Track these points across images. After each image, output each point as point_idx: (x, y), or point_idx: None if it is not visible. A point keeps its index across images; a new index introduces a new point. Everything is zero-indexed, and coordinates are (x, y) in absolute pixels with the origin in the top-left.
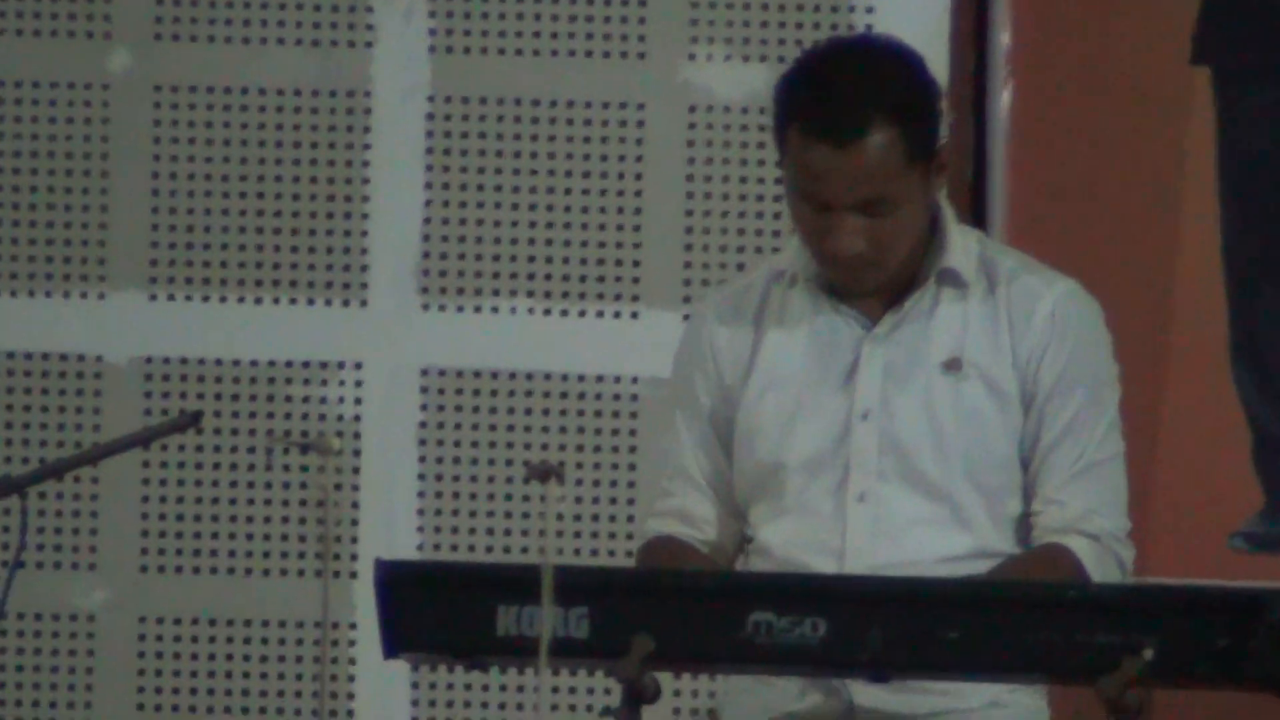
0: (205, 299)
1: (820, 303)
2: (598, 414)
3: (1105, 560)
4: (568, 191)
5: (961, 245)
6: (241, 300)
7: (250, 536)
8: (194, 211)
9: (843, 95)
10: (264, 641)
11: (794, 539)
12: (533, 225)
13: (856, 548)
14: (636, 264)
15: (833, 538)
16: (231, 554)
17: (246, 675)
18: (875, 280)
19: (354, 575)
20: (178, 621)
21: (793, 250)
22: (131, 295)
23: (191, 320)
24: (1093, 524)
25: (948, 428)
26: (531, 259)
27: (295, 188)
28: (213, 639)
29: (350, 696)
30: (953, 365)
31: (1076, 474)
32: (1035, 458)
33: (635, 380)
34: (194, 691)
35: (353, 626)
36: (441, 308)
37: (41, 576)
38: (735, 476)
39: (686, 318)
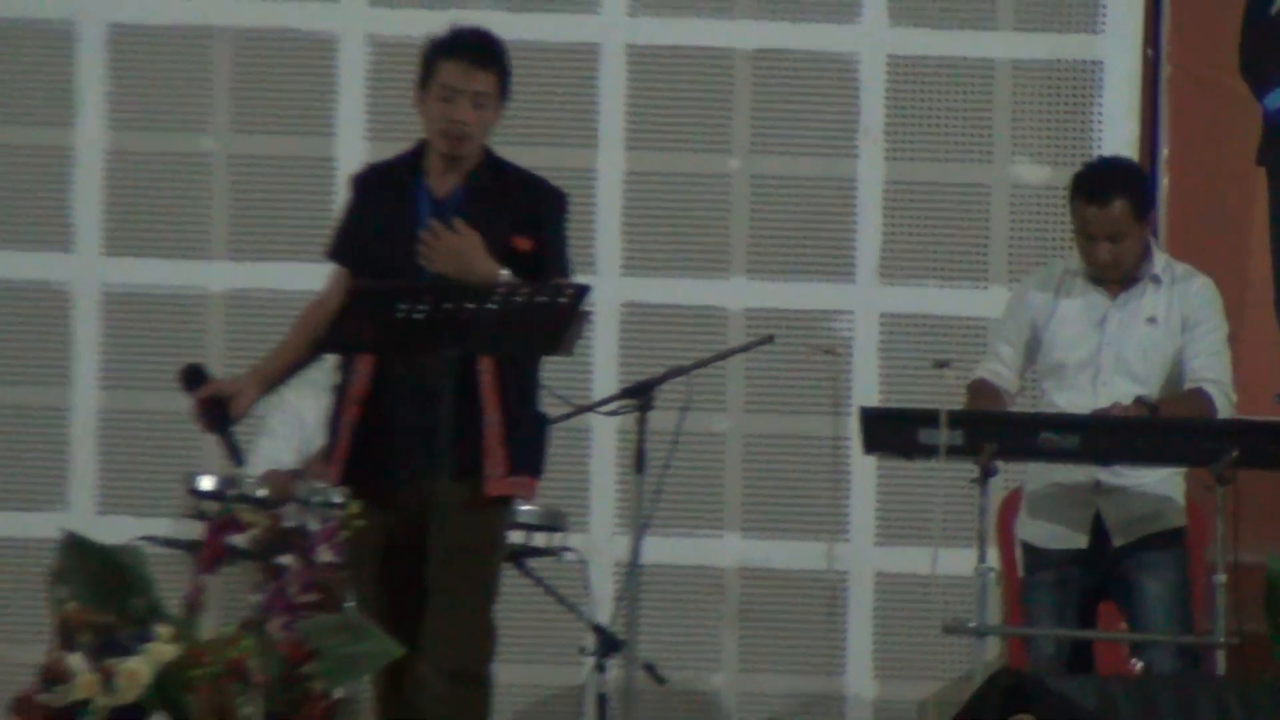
0: (773, 281)
1: (1088, 286)
2: (964, 339)
3: (1221, 399)
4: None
5: (1160, 261)
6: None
7: (793, 392)
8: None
9: (1100, 181)
10: (799, 450)
11: (1069, 401)
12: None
13: (1099, 407)
14: (985, 262)
15: (1088, 401)
16: (785, 403)
17: (785, 467)
18: (1117, 275)
19: (848, 414)
20: (762, 437)
21: (1075, 258)
22: (741, 279)
23: (773, 291)
24: (1218, 380)
25: (1148, 351)
26: (953, 262)
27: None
28: (767, 450)
29: (849, 471)
30: (1152, 320)
31: (1208, 356)
32: (1187, 351)
33: (984, 319)
34: (754, 481)
35: (847, 439)
36: (897, 283)
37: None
38: (1039, 367)
39: (1011, 286)
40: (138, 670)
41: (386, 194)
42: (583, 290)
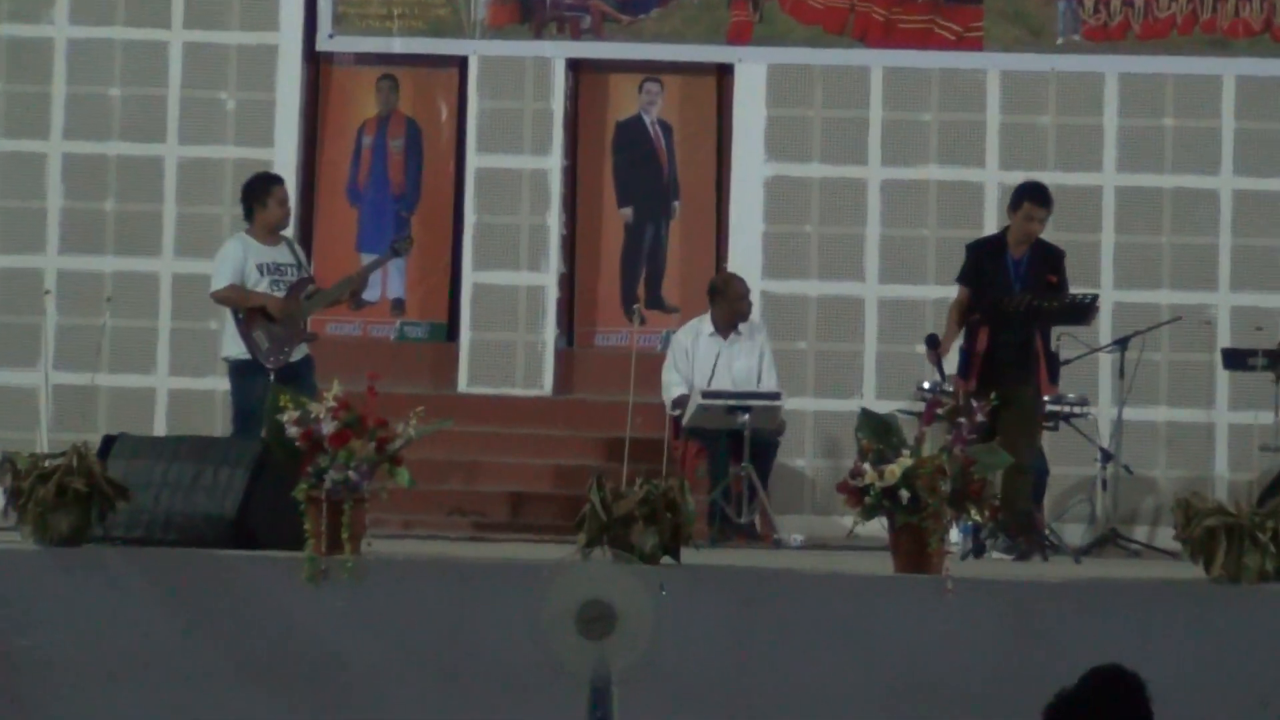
0: (1182, 290)
1: None
2: (1272, 319)
3: None
4: None
5: None
6: None
7: (1188, 341)
8: None
9: None
10: (1190, 369)
11: None
12: None
13: None
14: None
15: None
16: (1185, 345)
17: (1183, 377)
18: None
19: (1216, 351)
20: (1177, 365)
21: None
22: (1166, 290)
23: (1181, 295)
24: None
25: None
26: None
27: None
28: (1181, 370)
29: (1215, 378)
30: None
31: None
32: None
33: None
34: (1173, 382)
35: (1215, 364)
36: (1239, 291)
37: (1144, 355)
38: None
39: None
40: (894, 470)
41: (990, 255)
42: (1095, 296)
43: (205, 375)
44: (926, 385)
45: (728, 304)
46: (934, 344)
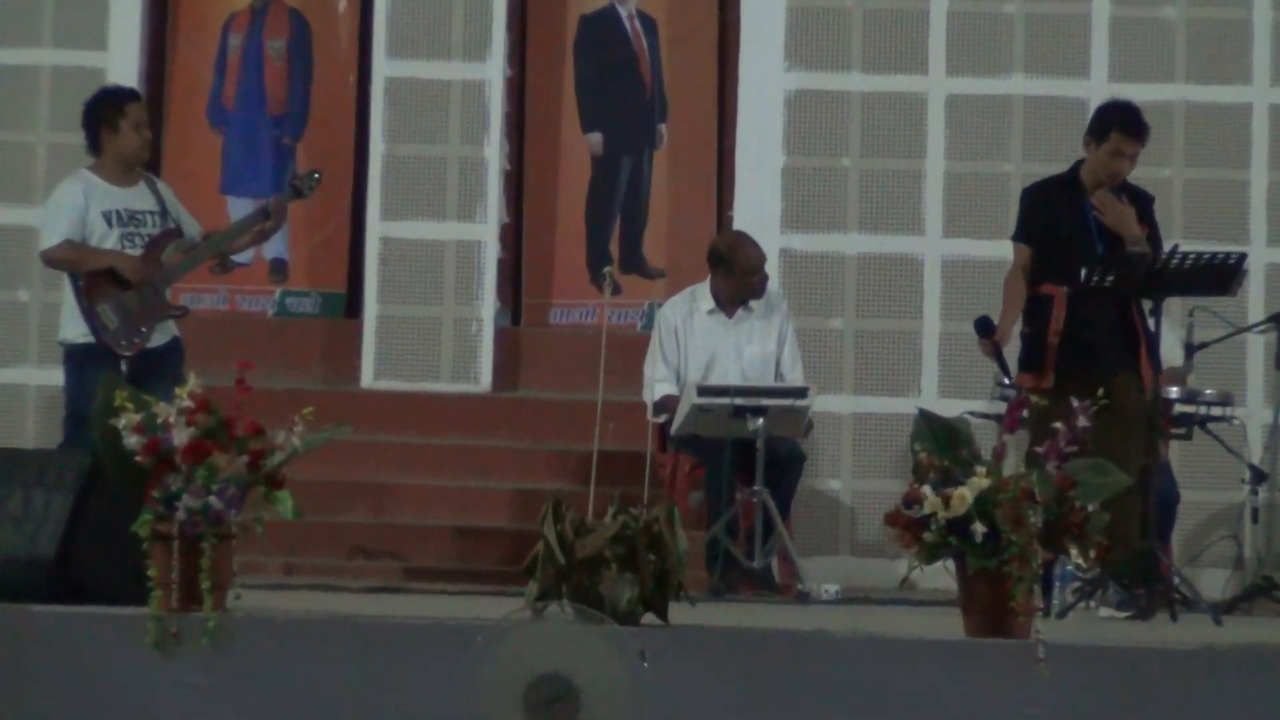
0: None
1: None
2: None
3: None
4: None
5: None
6: None
7: None
8: None
9: None
10: None
11: None
12: None
13: None
14: None
15: None
16: None
17: None
18: None
19: None
20: None
21: None
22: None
23: None
24: None
25: None
26: None
27: None
28: None
29: None
30: None
31: None
32: None
33: None
34: None
35: None
36: None
37: None
38: None
39: None
40: (965, 495)
41: (1058, 200)
42: (1241, 255)
43: (15, 363)
44: (1007, 380)
45: (735, 277)
46: (986, 329)
